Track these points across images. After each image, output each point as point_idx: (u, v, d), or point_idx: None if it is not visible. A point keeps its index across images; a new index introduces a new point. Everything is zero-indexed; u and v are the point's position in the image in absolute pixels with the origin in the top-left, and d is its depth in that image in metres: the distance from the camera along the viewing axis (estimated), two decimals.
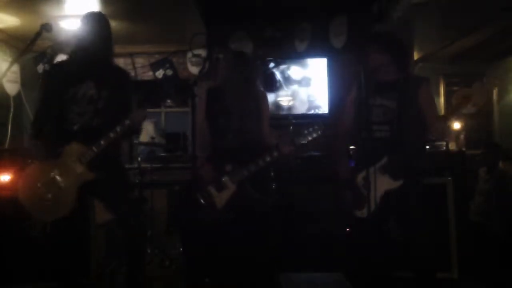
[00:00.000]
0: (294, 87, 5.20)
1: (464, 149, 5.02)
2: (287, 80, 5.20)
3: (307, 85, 5.18)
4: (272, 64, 4.87)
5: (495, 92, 6.41)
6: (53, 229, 2.53)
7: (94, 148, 2.38)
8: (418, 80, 2.54)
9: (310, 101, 5.18)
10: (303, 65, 5.19)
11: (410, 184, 2.42)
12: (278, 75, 5.16)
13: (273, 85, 4.97)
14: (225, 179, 2.49)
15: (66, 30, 4.82)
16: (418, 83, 2.49)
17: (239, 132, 2.58)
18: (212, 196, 2.50)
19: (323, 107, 5.03)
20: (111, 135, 2.38)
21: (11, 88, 5.22)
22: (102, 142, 2.38)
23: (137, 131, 2.70)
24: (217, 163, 2.55)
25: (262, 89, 2.78)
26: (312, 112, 4.95)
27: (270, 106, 2.83)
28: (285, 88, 5.21)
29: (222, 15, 4.81)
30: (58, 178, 2.39)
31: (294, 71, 5.21)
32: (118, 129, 2.38)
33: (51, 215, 2.43)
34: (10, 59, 5.30)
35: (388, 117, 2.47)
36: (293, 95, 5.23)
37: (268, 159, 2.46)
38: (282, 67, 5.14)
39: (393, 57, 2.50)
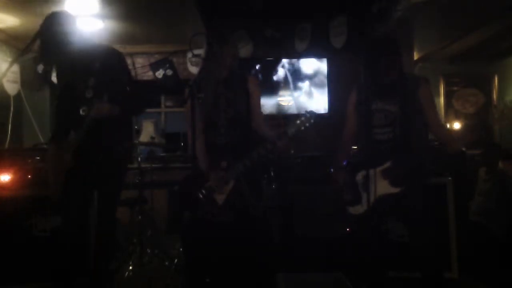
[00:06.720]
0: (300, 86, 5.23)
1: (464, 149, 5.01)
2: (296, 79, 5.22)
3: (315, 85, 5.21)
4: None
5: (495, 91, 6.41)
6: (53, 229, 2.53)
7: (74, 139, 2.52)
8: (417, 80, 2.52)
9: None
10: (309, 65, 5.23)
11: (415, 186, 2.41)
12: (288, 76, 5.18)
13: None
14: (222, 175, 2.44)
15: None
16: (417, 84, 2.47)
17: (231, 124, 2.50)
18: (212, 193, 2.46)
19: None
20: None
21: (11, 88, 5.21)
22: (81, 131, 2.48)
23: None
24: (213, 159, 2.49)
25: (251, 75, 2.62)
26: None
27: (270, 107, 2.77)
28: (290, 89, 5.22)
29: (222, 15, 4.80)
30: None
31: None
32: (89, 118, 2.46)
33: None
34: (10, 59, 5.29)
35: (389, 120, 2.45)
36: (295, 96, 5.24)
37: (263, 152, 2.39)
38: (289, 67, 5.16)
39: (391, 59, 2.47)
